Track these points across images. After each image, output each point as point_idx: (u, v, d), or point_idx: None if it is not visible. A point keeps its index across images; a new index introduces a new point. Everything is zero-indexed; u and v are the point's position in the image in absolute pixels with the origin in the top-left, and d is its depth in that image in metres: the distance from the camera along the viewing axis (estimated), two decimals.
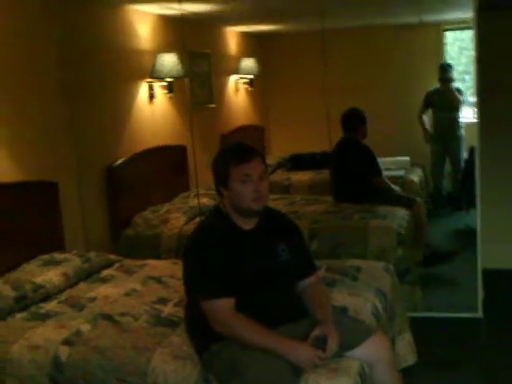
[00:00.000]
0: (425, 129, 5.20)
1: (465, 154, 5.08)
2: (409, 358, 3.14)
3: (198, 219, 4.20)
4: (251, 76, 5.83)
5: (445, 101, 5.15)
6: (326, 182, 4.94)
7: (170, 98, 5.00)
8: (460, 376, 3.38)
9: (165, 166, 4.87)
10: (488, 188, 4.34)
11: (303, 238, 2.71)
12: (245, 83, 5.88)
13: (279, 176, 5.45)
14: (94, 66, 4.22)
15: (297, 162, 5.60)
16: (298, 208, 4.59)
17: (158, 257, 4.06)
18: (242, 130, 5.67)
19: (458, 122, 5.15)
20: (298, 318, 2.46)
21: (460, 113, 5.15)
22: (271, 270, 2.46)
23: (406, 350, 3.13)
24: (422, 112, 5.18)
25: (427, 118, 5.24)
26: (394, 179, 4.96)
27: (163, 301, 3.01)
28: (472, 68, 4.03)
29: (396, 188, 4.76)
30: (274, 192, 4.74)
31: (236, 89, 5.84)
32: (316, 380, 2.22)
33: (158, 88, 4.88)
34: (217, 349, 2.34)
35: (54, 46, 3.94)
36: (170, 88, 4.91)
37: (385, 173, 4.76)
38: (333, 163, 4.81)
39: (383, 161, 4.94)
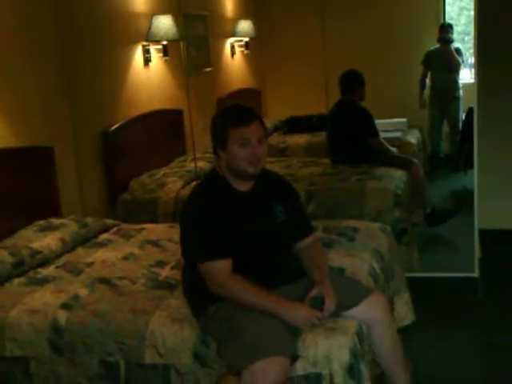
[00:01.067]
0: (422, 94, 5.15)
1: (463, 115, 5.05)
2: (407, 317, 3.16)
3: (194, 183, 4.18)
4: (247, 39, 5.76)
5: (444, 62, 5.09)
6: (323, 145, 4.92)
7: (166, 61, 4.95)
8: (457, 334, 3.42)
9: (161, 131, 4.85)
10: (485, 149, 4.31)
11: (300, 200, 2.71)
12: (241, 46, 5.81)
13: (276, 139, 5.42)
14: (89, 29, 4.17)
15: (293, 125, 5.56)
16: (294, 170, 4.58)
17: (154, 221, 4.07)
18: (239, 93, 5.61)
19: (456, 83, 5.10)
20: (296, 278, 2.47)
21: (459, 74, 5.10)
22: (268, 232, 2.46)
23: (404, 309, 3.15)
24: (425, 75, 5.12)
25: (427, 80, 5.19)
26: (392, 141, 4.94)
27: (161, 264, 3.02)
28: (471, 28, 3.98)
29: (393, 149, 4.74)
30: (270, 155, 4.67)
31: (232, 52, 5.77)
32: (314, 339, 2.24)
33: (154, 51, 4.82)
34: (214, 310, 2.36)
35: (50, 10, 3.89)
36: (165, 51, 4.86)
37: (382, 134, 4.73)
38: (330, 125, 4.78)
39: (381, 122, 4.91)
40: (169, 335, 2.41)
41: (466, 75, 5.06)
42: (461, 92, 5.11)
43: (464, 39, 5.23)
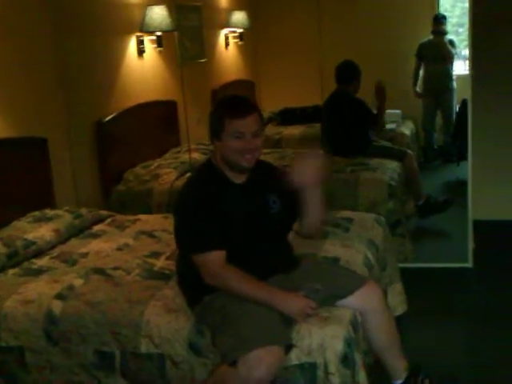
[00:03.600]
0: (415, 86, 5.15)
1: (456, 107, 5.07)
2: (400, 307, 3.18)
3: (188, 174, 4.19)
4: (242, 30, 5.75)
5: (438, 53, 5.10)
6: (318, 136, 4.92)
7: (160, 52, 4.94)
8: (450, 325, 3.42)
9: (155, 122, 4.84)
10: (479, 140, 4.33)
11: (295, 189, 2.71)
12: (235, 37, 5.80)
13: (270, 130, 5.41)
14: (84, 20, 4.15)
15: (288, 116, 5.56)
16: (289, 162, 4.57)
17: (149, 212, 4.06)
18: (233, 84, 5.60)
19: (450, 74, 5.11)
20: (290, 268, 2.48)
21: (453, 65, 5.10)
22: (262, 223, 2.46)
23: (397, 300, 3.17)
24: (418, 67, 5.13)
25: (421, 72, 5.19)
26: (388, 132, 4.96)
27: (155, 254, 3.02)
28: (466, 20, 3.99)
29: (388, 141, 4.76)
30: (265, 146, 4.70)
31: (227, 43, 5.76)
32: (308, 329, 2.25)
33: (148, 42, 4.80)
34: (209, 300, 2.36)
35: (44, 0, 3.86)
36: (159, 42, 4.85)
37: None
38: (324, 116, 4.78)
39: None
40: (164, 325, 2.41)
41: (460, 67, 5.07)
42: (454, 84, 5.12)
43: (458, 31, 5.24)
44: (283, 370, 2.22)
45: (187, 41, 5.18)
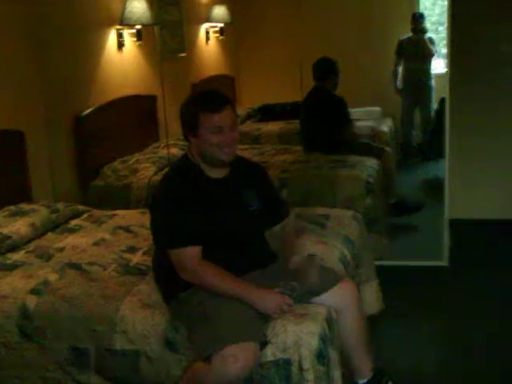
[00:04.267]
0: (395, 83, 5.18)
1: (435, 105, 5.10)
2: (375, 305, 3.19)
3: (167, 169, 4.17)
4: (222, 24, 5.74)
5: (417, 51, 5.13)
6: (297, 132, 4.93)
7: (140, 46, 4.91)
8: (425, 323, 3.45)
9: (134, 116, 4.81)
10: (457, 138, 4.36)
11: (273, 185, 2.72)
12: (216, 32, 5.78)
13: (249, 126, 5.41)
14: (62, 13, 4.09)
15: (267, 113, 5.56)
16: (267, 158, 4.58)
17: (127, 207, 4.03)
18: (213, 79, 5.60)
19: (429, 72, 5.14)
20: (267, 264, 2.48)
21: (431, 63, 5.13)
22: (240, 219, 2.47)
23: (373, 297, 3.18)
24: (397, 64, 5.15)
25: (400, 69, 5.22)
26: (366, 129, 4.97)
27: (132, 250, 3.01)
28: (445, 19, 4.02)
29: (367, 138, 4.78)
30: (244, 142, 4.73)
31: (207, 37, 5.74)
32: (283, 325, 2.25)
33: (128, 36, 4.77)
34: (185, 297, 2.36)
35: None
36: (139, 36, 4.82)
37: (356, 123, 4.76)
38: (303, 113, 4.78)
39: (355, 111, 4.94)
40: (139, 321, 2.40)
41: (439, 65, 5.10)
42: (433, 82, 5.15)
43: (438, 29, 5.27)
44: (258, 367, 2.22)
45: (167, 35, 5.16)
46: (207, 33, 5.72)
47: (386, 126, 5.21)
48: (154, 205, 2.47)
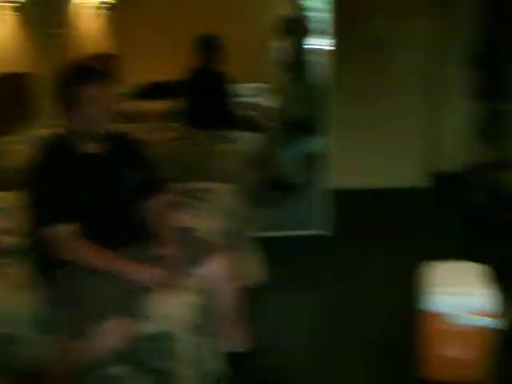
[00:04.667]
0: (278, 57, 5.24)
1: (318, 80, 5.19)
2: (258, 276, 3.24)
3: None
4: (108, 1, 5.60)
5: (299, 27, 5.19)
6: (180, 110, 4.88)
7: (17, 21, 4.68)
8: (306, 292, 3.49)
9: (5, 95, 4.56)
10: (339, 112, 4.48)
11: (149, 160, 2.69)
12: (99, 8, 5.64)
13: (132, 104, 5.32)
14: None
15: (150, 91, 5.49)
16: (148, 135, 4.50)
17: (1, 189, 3.87)
18: (95, 57, 5.45)
19: (311, 48, 5.22)
20: (142, 240, 2.46)
21: (314, 39, 5.21)
22: (114, 194, 2.44)
23: (255, 268, 3.22)
24: (278, 39, 5.20)
25: (284, 45, 5.28)
26: (251, 105, 5.00)
27: (4, 231, 2.90)
28: None
29: (250, 114, 4.80)
30: (125, 121, 4.63)
31: (90, 14, 5.58)
32: (159, 299, 2.24)
33: (2, 9, 4.54)
34: (58, 276, 2.31)
35: None
36: (15, 10, 4.60)
37: (241, 99, 4.77)
38: (186, 90, 4.73)
39: (240, 87, 4.95)
40: (9, 303, 2.33)
41: (323, 41, 5.17)
42: (316, 57, 5.23)
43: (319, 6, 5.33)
44: (135, 341, 2.20)
45: (45, 9, 4.96)
46: (90, 9, 5.56)
47: (271, 102, 5.26)
48: (25, 183, 2.40)
